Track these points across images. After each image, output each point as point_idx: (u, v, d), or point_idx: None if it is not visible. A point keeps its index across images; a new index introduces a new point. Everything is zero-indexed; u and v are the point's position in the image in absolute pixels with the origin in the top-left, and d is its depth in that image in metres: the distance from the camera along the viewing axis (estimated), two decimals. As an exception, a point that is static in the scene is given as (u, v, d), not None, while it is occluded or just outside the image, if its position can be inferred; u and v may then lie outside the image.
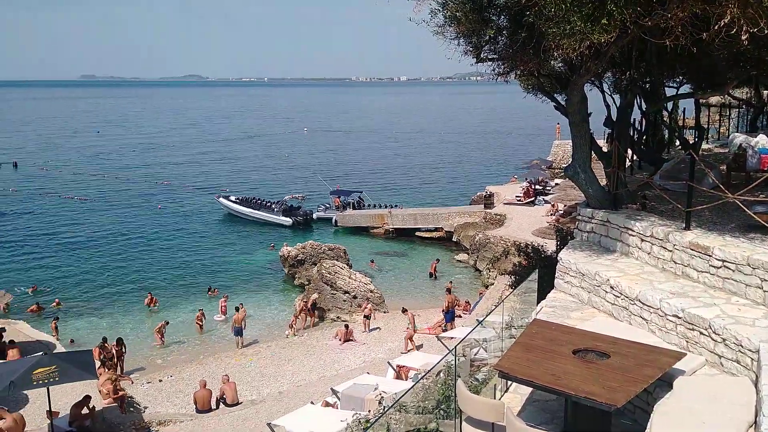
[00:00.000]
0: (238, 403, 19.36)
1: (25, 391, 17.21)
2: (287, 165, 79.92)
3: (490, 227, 38.02)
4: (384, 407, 10.00)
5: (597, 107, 14.00)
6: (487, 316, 12.53)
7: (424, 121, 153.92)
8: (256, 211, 48.54)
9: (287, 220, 46.54)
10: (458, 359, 9.54)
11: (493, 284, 30.21)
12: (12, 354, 20.43)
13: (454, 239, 41.16)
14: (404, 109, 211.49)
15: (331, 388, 16.84)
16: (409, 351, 22.84)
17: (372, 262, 37.79)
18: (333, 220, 47.10)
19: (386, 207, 47.34)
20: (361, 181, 65.64)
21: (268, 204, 49.01)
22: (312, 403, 17.07)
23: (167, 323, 26.76)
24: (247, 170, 76.42)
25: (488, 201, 42.81)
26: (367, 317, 26.95)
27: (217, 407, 19.08)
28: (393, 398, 13.04)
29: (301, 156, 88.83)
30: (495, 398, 9.45)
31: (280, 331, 27.94)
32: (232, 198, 51.30)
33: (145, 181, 66.21)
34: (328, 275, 30.70)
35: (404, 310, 24.80)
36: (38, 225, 47.45)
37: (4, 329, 23.43)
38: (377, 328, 26.88)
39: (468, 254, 37.68)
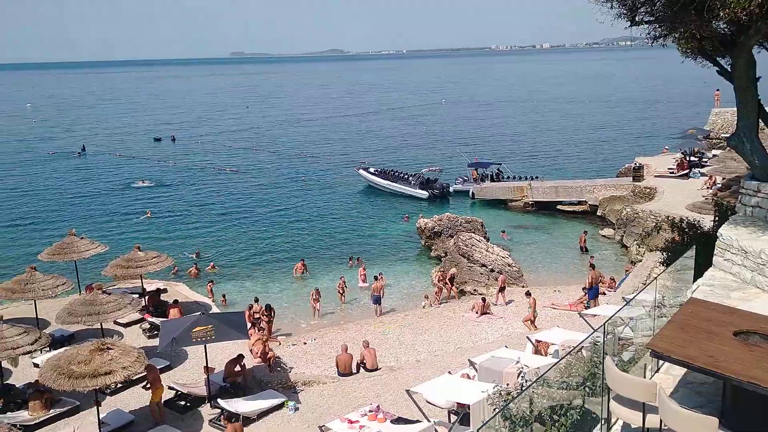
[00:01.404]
0: (377, 369, 19.84)
1: (185, 347, 18.68)
2: (425, 137, 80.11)
3: (638, 201, 36.12)
4: (526, 381, 9.84)
5: (766, 71, 12.77)
6: (638, 293, 11.92)
7: (568, 89, 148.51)
8: (394, 183, 49.18)
9: (423, 193, 46.79)
10: (606, 337, 9.18)
11: (641, 261, 28.76)
12: (173, 313, 22.17)
13: (598, 213, 39.55)
14: (547, 77, 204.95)
15: (469, 360, 16.81)
16: (533, 332, 22.55)
17: (503, 232, 37.25)
18: (470, 193, 46.76)
19: (526, 179, 46.27)
20: (500, 152, 64.57)
21: (406, 176, 49.48)
22: (449, 373, 17.17)
23: (319, 290, 27.59)
24: (386, 142, 77.54)
25: (637, 173, 40.63)
26: (501, 290, 26.63)
27: (357, 371, 19.66)
28: (534, 373, 12.82)
29: (439, 128, 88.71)
30: (645, 378, 9.01)
31: (416, 302, 28.26)
32: (371, 170, 52.30)
33: (289, 154, 69.04)
34: (465, 248, 30.58)
35: (528, 294, 24.27)
36: (195, 195, 50.91)
37: (165, 290, 25.53)
38: (512, 300, 26.47)
39: (614, 229, 36.09)
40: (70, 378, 14.25)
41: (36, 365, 18.88)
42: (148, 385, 16.58)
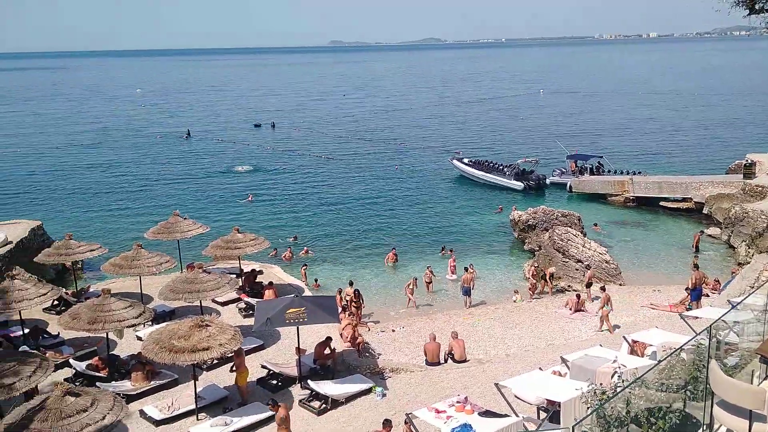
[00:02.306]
0: (465, 360, 19.68)
1: (278, 328, 19.16)
2: (522, 128, 78.64)
3: (749, 200, 34.00)
4: (623, 381, 9.46)
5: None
6: (746, 297, 11.21)
7: (675, 80, 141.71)
8: (488, 174, 48.53)
9: (518, 184, 45.93)
10: (711, 340, 8.68)
11: (749, 263, 27.11)
12: (268, 294, 22.82)
13: (704, 211, 37.56)
14: (653, 68, 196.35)
15: (561, 357, 16.40)
16: (603, 330, 21.89)
17: (596, 225, 36.05)
18: (567, 186, 45.50)
19: (628, 173, 44.52)
20: (600, 145, 62.48)
21: (500, 167, 48.71)
22: (540, 369, 16.82)
23: (416, 280, 27.59)
24: (481, 133, 76.65)
25: (748, 170, 38.27)
26: (588, 285, 25.78)
27: (445, 362, 19.57)
28: (631, 373, 12.32)
29: (537, 119, 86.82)
30: (753, 385, 8.46)
31: (507, 295, 27.80)
32: (465, 160, 51.81)
33: (383, 143, 69.46)
34: (561, 242, 29.78)
35: (602, 288, 23.33)
36: (291, 180, 52.11)
37: (261, 271, 26.29)
38: (597, 297, 25.52)
39: (721, 229, 34.18)
40: (170, 352, 14.94)
41: (139, 338, 19.92)
42: (234, 368, 17.07)
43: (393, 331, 23.31)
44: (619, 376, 10.48)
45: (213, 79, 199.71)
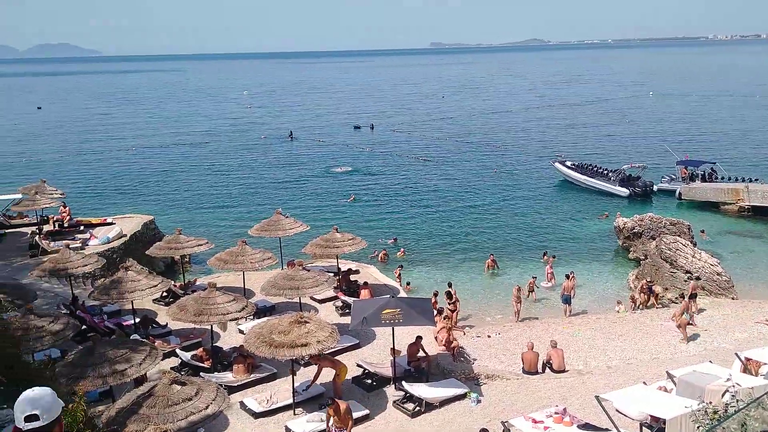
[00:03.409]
0: (564, 371, 19.10)
1: (374, 328, 19.29)
2: (629, 131, 75.72)
3: None
4: (737, 401, 8.85)
5: None
6: None
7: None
8: (591, 179, 47.04)
9: (624, 191, 44.25)
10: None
11: None
12: (364, 294, 23.03)
13: (830, 223, 34.89)
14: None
15: (667, 372, 15.59)
16: (681, 340, 20.91)
17: (702, 232, 34.15)
18: (677, 193, 43.41)
19: (743, 181, 41.93)
20: (714, 150, 59.18)
21: (605, 172, 47.09)
22: (644, 383, 16.07)
23: (520, 289, 26.95)
24: (585, 136, 74.44)
25: None
26: (692, 297, 24.40)
27: (543, 371, 19.07)
28: (747, 393, 11.55)
29: (646, 122, 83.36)
30: None
31: (610, 305, 26.79)
32: (568, 164, 50.43)
33: (482, 145, 68.73)
34: (668, 252, 28.41)
35: (681, 296, 21.91)
36: (390, 182, 52.43)
37: (357, 271, 26.60)
38: (703, 309, 24.12)
39: None
40: (270, 346, 15.32)
41: (241, 331, 20.59)
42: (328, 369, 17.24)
43: (489, 336, 22.94)
44: (732, 396, 9.82)
45: (315, 81, 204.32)
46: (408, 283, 28.84)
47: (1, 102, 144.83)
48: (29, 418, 3.61)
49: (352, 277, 25.59)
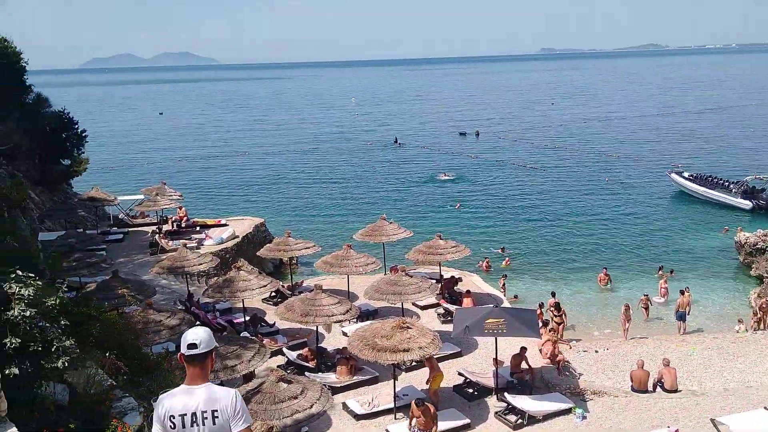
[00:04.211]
0: (676, 390, 18.16)
1: (476, 337, 19.10)
2: (754, 141, 71.20)
3: None
4: None
5: None
6: None
7: None
8: (711, 191, 44.54)
9: (746, 203, 41.59)
10: None
11: None
12: (466, 302, 22.84)
13: None
14: None
15: (794, 399, 14.51)
16: None
17: None
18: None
19: None
20: None
21: (726, 183, 44.45)
22: (765, 408, 15.01)
23: (629, 307, 25.45)
24: (705, 146, 70.61)
25: None
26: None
27: (654, 390, 18.20)
28: None
29: (773, 132, 78.13)
30: None
31: (729, 324, 25.24)
32: (686, 174, 48.00)
33: (593, 153, 66.67)
34: (797, 269, 26.44)
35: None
36: (496, 190, 51.82)
37: (460, 279, 26.42)
38: None
39: None
40: (373, 350, 15.49)
41: (345, 334, 20.93)
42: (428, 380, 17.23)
43: (596, 351, 22.12)
44: None
45: (421, 87, 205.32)
46: (516, 296, 28.36)
47: (127, 108, 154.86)
48: (190, 347, 4.62)
49: (455, 285, 25.47)
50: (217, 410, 4.57)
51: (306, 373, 17.99)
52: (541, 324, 20.24)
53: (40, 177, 36.44)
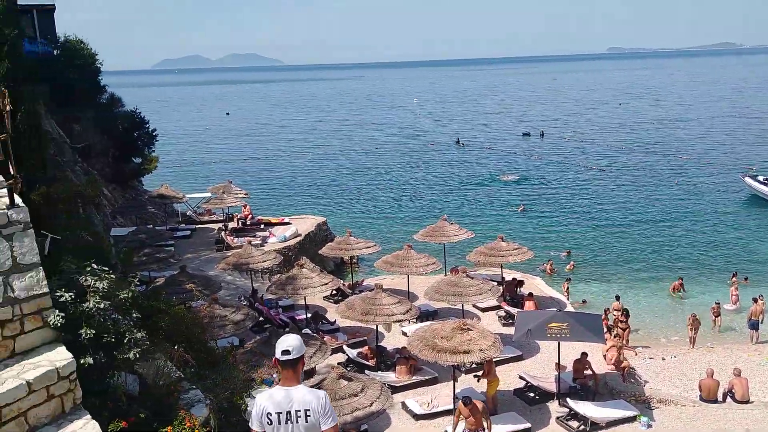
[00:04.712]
0: (748, 401, 17.47)
1: (538, 340, 18.82)
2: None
3: None
4: None
5: None
6: None
7: None
8: (787, 195, 42.63)
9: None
10: None
11: None
12: (528, 305, 22.53)
13: None
14: None
15: None
16: None
17: None
18: None
19: None
20: None
21: (804, 188, 42.48)
22: None
23: (696, 317, 24.33)
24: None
25: None
26: None
27: (724, 401, 17.56)
28: None
29: None
30: None
31: (806, 334, 24.11)
32: (760, 178, 46.01)
33: (662, 155, 64.72)
34: None
35: None
36: (560, 192, 50.86)
37: (522, 281, 26.09)
38: None
39: None
40: (433, 350, 15.44)
41: (404, 333, 20.96)
42: (480, 377, 17.07)
43: (663, 359, 21.52)
44: None
45: (485, 87, 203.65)
46: (584, 300, 27.81)
47: (195, 108, 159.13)
48: (284, 353, 5.13)
49: (517, 288, 25.17)
50: (309, 410, 5.09)
51: (366, 372, 18.09)
52: (605, 329, 19.79)
53: (113, 174, 37.83)
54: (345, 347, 20.32)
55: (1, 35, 11.86)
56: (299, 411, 5.06)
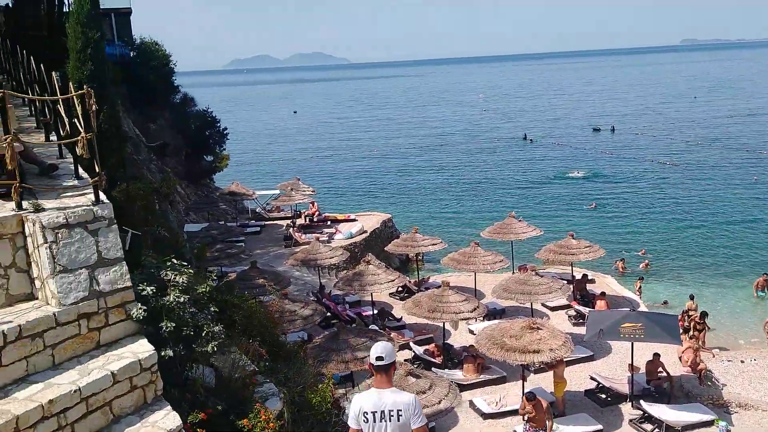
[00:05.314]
0: (836, 410, 16.60)
1: (609, 341, 18.36)
2: None
3: None
4: None
5: None
6: None
7: None
8: None
9: None
10: None
11: None
12: (600, 304, 22.01)
13: None
14: None
15: None
16: None
17: None
18: None
19: None
20: None
21: None
22: None
23: None
24: None
25: None
26: None
27: (809, 407, 16.74)
28: None
29: None
30: None
31: None
32: None
33: (739, 150, 62.04)
34: None
35: None
36: (633, 189, 49.28)
37: (593, 280, 25.54)
38: None
39: None
40: (501, 349, 15.30)
41: (471, 332, 20.81)
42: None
43: (742, 362, 20.64)
44: None
45: (554, 82, 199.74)
46: (665, 302, 26.99)
47: (263, 107, 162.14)
48: (378, 359, 5.55)
49: (587, 287, 24.62)
50: (401, 410, 5.51)
51: (432, 369, 18.05)
52: (681, 330, 19.12)
53: (186, 172, 38.99)
54: (411, 344, 20.33)
55: (85, 38, 12.43)
56: (392, 411, 5.50)
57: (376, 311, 22.64)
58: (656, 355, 17.18)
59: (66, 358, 6.63)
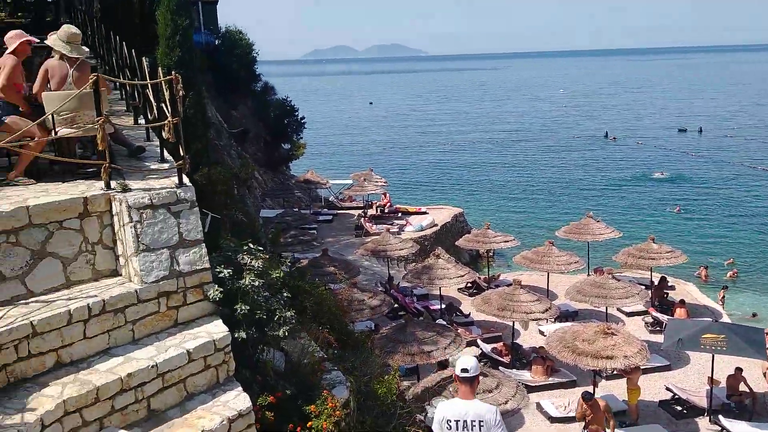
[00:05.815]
0: None
1: (688, 351, 17.60)
2: None
3: None
4: None
5: None
6: None
7: None
8: None
9: None
10: None
11: None
12: (679, 312, 21.15)
13: None
14: None
15: None
16: None
17: None
18: None
19: None
20: None
21: None
22: None
23: None
24: None
25: None
26: None
27: None
28: None
29: None
30: None
31: None
32: None
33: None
34: None
35: None
36: (721, 193, 47.22)
37: (673, 287, 24.57)
38: None
39: None
40: (573, 353, 14.91)
41: (542, 333, 20.39)
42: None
43: (832, 382, 19.46)
44: None
45: (639, 79, 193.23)
46: (754, 314, 25.79)
47: (341, 98, 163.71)
48: (463, 371, 5.78)
49: (666, 290, 23.70)
50: (483, 421, 5.70)
51: (499, 368, 17.79)
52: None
53: (264, 159, 39.79)
54: (479, 341, 20.10)
55: (174, 25, 12.76)
56: (474, 421, 5.69)
57: (444, 306, 22.50)
58: (738, 370, 16.36)
59: (145, 334, 6.82)
